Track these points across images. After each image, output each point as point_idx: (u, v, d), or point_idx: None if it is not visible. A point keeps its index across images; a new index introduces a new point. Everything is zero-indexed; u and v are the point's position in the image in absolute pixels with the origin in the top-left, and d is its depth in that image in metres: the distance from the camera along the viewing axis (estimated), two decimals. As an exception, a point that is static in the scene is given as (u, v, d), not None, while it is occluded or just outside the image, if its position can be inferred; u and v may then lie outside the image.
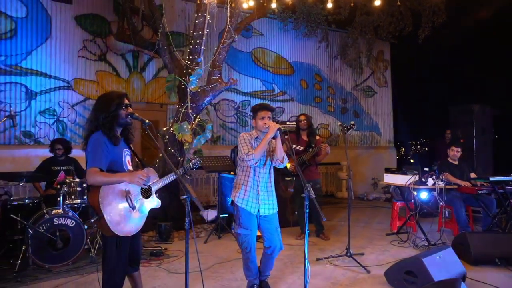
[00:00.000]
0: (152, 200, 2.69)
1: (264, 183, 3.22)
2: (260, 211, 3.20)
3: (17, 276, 3.68)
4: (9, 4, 6.22)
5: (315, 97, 9.80)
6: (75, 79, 6.73)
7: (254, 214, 3.18)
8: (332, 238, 5.34)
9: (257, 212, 3.19)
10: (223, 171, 5.74)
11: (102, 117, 2.46)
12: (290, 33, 9.20)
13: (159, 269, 4.03)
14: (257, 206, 3.18)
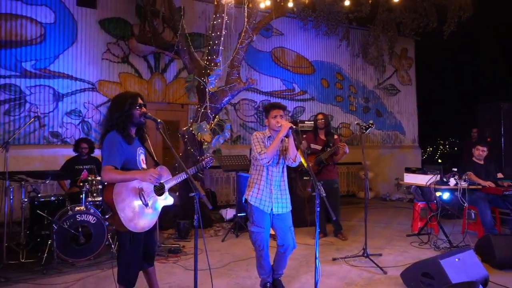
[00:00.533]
0: (165, 197, 2.76)
1: (277, 182, 3.23)
2: (274, 209, 3.21)
3: (43, 268, 3.86)
4: (39, 11, 6.51)
5: (336, 96, 9.69)
6: (99, 81, 6.96)
7: (267, 213, 3.19)
8: (350, 238, 5.28)
9: (271, 211, 3.20)
10: (241, 170, 5.78)
11: (116, 116, 2.55)
12: (310, 32, 9.14)
13: (176, 265, 4.11)
14: (270, 205, 3.19)
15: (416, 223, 5.59)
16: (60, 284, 3.53)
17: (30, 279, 3.68)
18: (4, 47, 6.22)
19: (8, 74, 6.24)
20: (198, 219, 2.43)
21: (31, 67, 6.41)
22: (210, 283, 3.56)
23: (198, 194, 2.41)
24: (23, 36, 6.36)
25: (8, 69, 6.24)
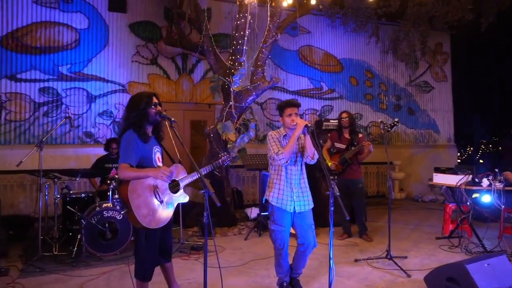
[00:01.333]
0: (180, 194, 2.81)
1: (297, 180, 3.21)
2: (296, 208, 3.18)
3: (73, 261, 4.07)
4: (74, 18, 6.84)
5: (365, 94, 9.46)
6: (129, 82, 7.21)
7: (289, 212, 3.17)
8: (376, 240, 5.13)
9: (293, 209, 3.18)
10: (264, 169, 5.78)
11: (133, 115, 2.63)
12: (338, 29, 8.98)
13: (197, 262, 4.18)
14: (292, 204, 3.17)
15: (447, 226, 5.35)
16: (87, 276, 3.69)
17: (61, 270, 3.88)
18: (43, 52, 6.59)
19: (47, 78, 6.61)
20: (208, 216, 2.45)
21: (67, 70, 6.74)
22: (228, 281, 3.61)
23: (208, 192, 2.43)
24: (60, 42, 6.70)
25: (47, 73, 6.60)
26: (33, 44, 6.52)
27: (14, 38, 6.42)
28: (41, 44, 6.57)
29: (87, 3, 6.93)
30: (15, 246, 4.67)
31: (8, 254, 4.42)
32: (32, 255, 4.25)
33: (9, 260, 4.22)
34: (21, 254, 4.41)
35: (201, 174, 2.48)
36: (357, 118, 9.28)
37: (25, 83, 6.45)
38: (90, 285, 3.48)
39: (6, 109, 6.33)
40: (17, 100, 6.40)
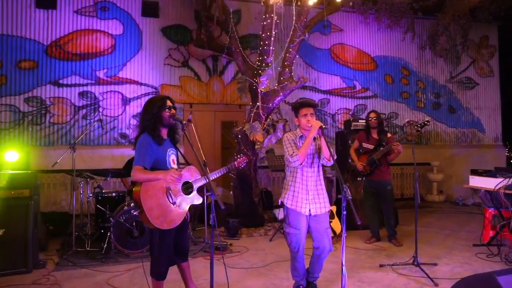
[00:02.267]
0: (193, 196, 2.85)
1: (313, 182, 3.15)
2: (312, 210, 3.13)
3: (102, 257, 4.28)
4: (110, 24, 7.18)
5: (401, 93, 9.09)
6: (161, 85, 7.45)
7: (304, 214, 3.13)
8: (407, 244, 4.92)
9: (308, 212, 3.13)
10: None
11: (147, 119, 2.72)
12: (371, 26, 8.70)
13: (219, 262, 4.20)
14: (307, 206, 3.13)
15: (487, 232, 5.01)
16: (113, 272, 3.86)
17: (91, 265, 4.10)
18: (82, 59, 6.98)
19: (85, 83, 6.99)
20: (214, 218, 2.47)
21: (103, 75, 7.09)
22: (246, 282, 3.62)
23: (213, 195, 2.45)
24: (97, 48, 7.06)
25: (85, 77, 6.98)
26: (73, 51, 6.92)
27: (57, 46, 6.85)
28: (81, 51, 6.96)
29: (122, 10, 7.24)
30: (54, 241, 4.99)
31: (47, 248, 4.73)
32: (67, 250, 4.52)
33: (47, 254, 4.53)
34: (58, 249, 4.70)
35: (209, 178, 2.50)
36: (392, 117, 8.96)
37: (66, 88, 6.86)
38: (115, 281, 3.63)
39: (50, 113, 6.77)
40: (60, 104, 6.82)
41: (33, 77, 6.69)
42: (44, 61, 6.75)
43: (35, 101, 6.68)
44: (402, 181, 8.79)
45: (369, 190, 5.01)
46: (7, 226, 3.85)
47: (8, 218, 3.87)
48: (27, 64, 6.68)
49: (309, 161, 3.13)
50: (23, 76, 6.65)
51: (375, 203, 4.99)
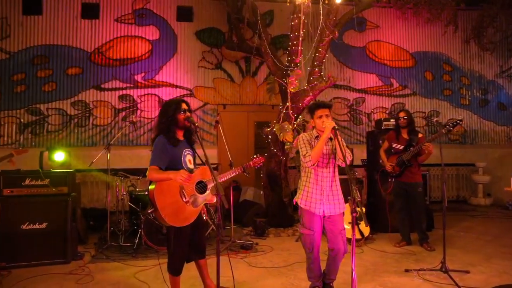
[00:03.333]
0: (206, 195, 2.95)
1: (328, 183, 3.12)
2: (326, 211, 3.12)
3: (133, 252, 4.53)
4: (147, 30, 7.53)
5: (443, 90, 8.64)
6: (195, 87, 7.68)
7: (318, 215, 3.12)
8: (440, 249, 4.66)
9: (323, 213, 3.11)
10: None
11: (163, 121, 2.86)
12: (409, 21, 8.36)
13: (242, 261, 4.31)
14: (321, 207, 3.11)
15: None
16: (141, 267, 4.07)
17: (122, 259, 4.35)
18: (121, 64, 7.39)
19: (125, 86, 7.39)
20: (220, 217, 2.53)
21: (141, 78, 7.46)
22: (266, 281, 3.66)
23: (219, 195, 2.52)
24: (135, 53, 7.44)
25: (125, 81, 7.39)
26: (113, 57, 7.34)
27: (99, 53, 7.31)
28: (120, 56, 7.37)
29: (158, 16, 7.57)
30: (93, 235, 5.35)
31: (87, 242, 5.08)
32: (103, 244, 4.84)
33: (86, 247, 4.86)
34: (96, 242, 5.03)
35: (215, 178, 2.57)
36: (433, 116, 8.54)
37: (107, 91, 7.30)
38: (141, 275, 3.84)
39: (93, 115, 7.24)
40: (102, 107, 7.28)
41: (78, 83, 7.20)
42: (88, 67, 7.23)
43: (80, 105, 7.18)
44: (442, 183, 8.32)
45: (398, 192, 4.83)
46: (48, 220, 4.21)
47: (50, 212, 4.22)
48: (74, 71, 7.20)
49: (324, 162, 3.11)
50: (70, 82, 7.18)
51: (405, 205, 4.81)
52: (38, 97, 7.04)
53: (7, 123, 6.99)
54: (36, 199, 4.20)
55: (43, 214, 4.19)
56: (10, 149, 6.38)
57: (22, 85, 7.03)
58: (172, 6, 7.66)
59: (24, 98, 7.01)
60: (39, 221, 4.17)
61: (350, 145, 7.78)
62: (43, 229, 4.18)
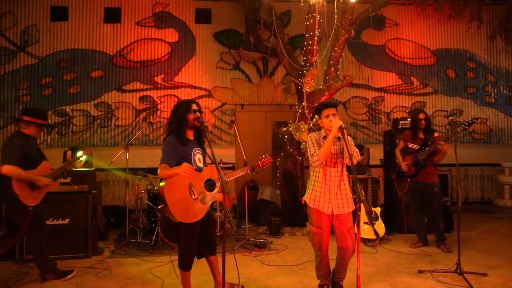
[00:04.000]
0: (215, 193, 3.02)
1: (336, 182, 3.13)
2: (334, 210, 3.13)
3: (150, 248, 4.69)
4: (167, 33, 7.72)
5: (467, 87, 8.39)
6: (214, 87, 7.81)
7: (327, 214, 3.13)
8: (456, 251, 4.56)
9: (331, 212, 3.13)
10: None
11: (173, 121, 2.96)
12: (430, 18, 8.18)
13: (255, 259, 4.36)
14: (330, 206, 3.13)
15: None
16: (157, 263, 4.20)
17: (139, 255, 4.50)
18: (142, 66, 7.61)
19: (145, 88, 7.61)
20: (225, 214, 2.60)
21: (161, 80, 7.65)
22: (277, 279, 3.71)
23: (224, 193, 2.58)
24: (155, 55, 7.65)
25: (145, 83, 7.61)
26: (134, 59, 7.58)
27: (121, 56, 7.57)
28: (141, 58, 7.60)
29: (178, 18, 7.74)
30: (114, 232, 5.55)
31: (107, 238, 5.29)
32: (122, 240, 5.02)
33: (106, 243, 5.06)
34: (116, 239, 5.23)
35: (221, 177, 2.64)
36: (456, 114, 8.31)
37: (128, 93, 7.54)
38: (156, 271, 3.96)
39: (115, 116, 7.50)
40: (123, 108, 7.52)
41: (101, 85, 7.47)
42: (110, 70, 7.50)
43: (103, 106, 7.45)
44: (466, 183, 8.13)
45: (414, 192, 4.76)
46: (71, 216, 4.42)
47: (72, 209, 4.43)
48: (97, 73, 7.48)
49: (332, 161, 3.12)
50: (93, 84, 7.46)
51: (421, 205, 4.74)
52: (64, 99, 7.36)
53: (35, 124, 7.34)
54: (59, 196, 4.41)
55: (66, 211, 4.41)
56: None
57: (50, 88, 7.37)
58: (191, 9, 7.82)
59: (51, 100, 7.34)
60: (62, 217, 4.39)
61: (368, 144, 7.70)
62: (66, 225, 4.39)
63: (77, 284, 3.63)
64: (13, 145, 3.50)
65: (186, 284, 3.06)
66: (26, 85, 7.32)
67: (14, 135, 3.69)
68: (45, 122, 3.75)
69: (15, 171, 3.33)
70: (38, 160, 3.61)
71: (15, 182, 3.36)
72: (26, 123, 3.58)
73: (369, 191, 5.17)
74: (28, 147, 3.54)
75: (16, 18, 7.36)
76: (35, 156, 3.59)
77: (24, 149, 3.47)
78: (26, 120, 3.58)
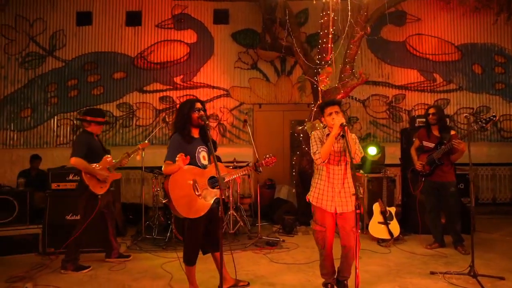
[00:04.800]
0: (217, 190, 3.08)
1: (340, 180, 3.11)
2: (338, 208, 3.12)
3: (164, 245, 4.82)
4: (186, 34, 7.89)
5: (495, 83, 8.04)
6: (232, 87, 7.89)
7: (330, 212, 3.12)
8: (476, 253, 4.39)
9: (334, 210, 3.12)
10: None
11: (178, 120, 3.05)
12: (454, 12, 7.89)
13: (264, 257, 4.39)
14: (333, 204, 3.12)
15: None
16: (169, 258, 4.31)
17: (153, 251, 4.65)
18: (162, 67, 7.81)
19: (165, 88, 7.81)
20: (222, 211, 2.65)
21: (180, 80, 7.82)
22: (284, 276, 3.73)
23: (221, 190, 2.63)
24: (174, 56, 7.83)
25: (165, 84, 7.80)
26: (154, 60, 7.79)
27: (142, 58, 7.80)
28: (161, 60, 7.80)
29: (196, 19, 7.89)
30: (132, 228, 5.75)
31: (125, 234, 5.48)
32: (139, 236, 5.18)
33: (124, 239, 5.24)
34: (133, 235, 5.41)
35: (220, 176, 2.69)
36: (483, 112, 7.99)
37: (149, 93, 7.76)
38: (168, 266, 4.07)
39: (136, 116, 7.74)
40: (144, 108, 7.75)
41: (123, 86, 7.73)
42: (131, 71, 7.74)
43: (125, 107, 7.71)
44: (494, 184, 7.79)
45: (429, 192, 4.63)
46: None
47: (90, 205, 4.61)
48: (119, 75, 7.75)
49: (336, 159, 3.10)
50: (115, 86, 7.74)
51: (436, 205, 4.60)
52: (88, 101, 7.67)
53: (62, 125, 7.71)
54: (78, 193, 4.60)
55: (84, 207, 4.59)
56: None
57: (75, 90, 7.71)
58: (209, 10, 7.94)
59: (76, 101, 7.68)
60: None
61: (388, 143, 7.56)
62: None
63: (92, 277, 3.79)
64: (79, 141, 4.07)
65: (191, 279, 3.13)
66: (54, 87, 7.69)
67: (80, 133, 4.23)
68: (103, 120, 4.20)
69: (80, 163, 3.83)
70: (101, 154, 4.09)
71: (84, 174, 3.89)
72: (87, 122, 4.08)
73: (384, 191, 5.08)
74: (92, 143, 4.03)
75: (45, 24, 7.75)
76: (99, 151, 4.08)
77: (89, 145, 3.96)
78: (88, 120, 4.08)
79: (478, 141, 7.96)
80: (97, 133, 4.17)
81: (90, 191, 3.89)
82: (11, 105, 7.62)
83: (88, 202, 3.93)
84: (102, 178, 3.95)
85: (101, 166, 4.02)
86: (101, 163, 4.04)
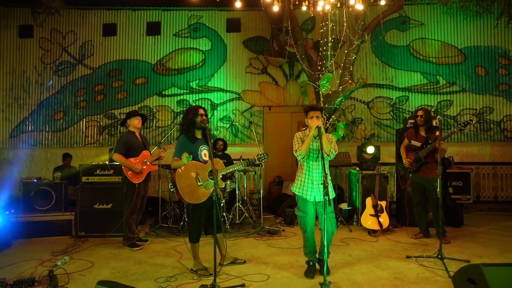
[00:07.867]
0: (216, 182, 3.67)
1: (318, 174, 3.64)
2: (316, 198, 3.65)
3: (177, 232, 5.48)
4: (201, 42, 8.57)
5: (498, 85, 8.28)
6: (243, 91, 8.50)
7: (310, 200, 3.66)
8: (456, 243, 4.82)
9: (314, 199, 3.65)
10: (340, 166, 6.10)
11: (184, 123, 3.67)
12: (457, 16, 8.20)
13: (263, 243, 4.96)
14: (312, 193, 3.65)
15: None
16: (180, 243, 4.93)
17: (167, 236, 5.31)
18: (179, 73, 8.52)
19: (182, 92, 8.50)
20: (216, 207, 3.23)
21: (195, 85, 8.50)
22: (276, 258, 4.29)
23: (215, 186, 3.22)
24: (190, 63, 8.52)
25: (181, 88, 8.50)
26: (172, 67, 8.50)
27: (161, 64, 8.53)
28: (178, 66, 8.50)
29: (210, 28, 8.54)
30: (151, 218, 6.46)
31: (144, 223, 6.18)
32: (156, 225, 5.88)
33: (143, 226, 5.95)
34: (151, 224, 6.10)
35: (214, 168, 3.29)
36: (486, 113, 8.25)
37: (167, 97, 8.48)
38: (179, 248, 4.71)
39: (156, 118, 8.47)
40: (163, 111, 8.48)
41: (144, 90, 8.49)
42: (151, 77, 8.49)
43: (146, 110, 8.46)
44: (495, 182, 8.05)
45: (415, 187, 5.07)
46: (113, 202, 5.34)
47: (113, 196, 5.34)
48: (140, 81, 8.51)
49: (314, 156, 3.64)
50: (137, 90, 8.50)
51: (422, 199, 5.03)
52: (113, 104, 8.47)
53: (90, 126, 8.54)
54: (104, 185, 5.35)
55: (109, 197, 5.34)
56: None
57: (101, 95, 8.52)
58: (222, 19, 8.59)
59: (102, 105, 8.49)
60: (106, 202, 5.33)
61: (391, 143, 7.93)
62: (109, 209, 5.32)
63: (115, 254, 4.49)
64: (119, 139, 4.90)
65: (194, 253, 3.77)
66: (83, 92, 8.54)
67: (123, 132, 5.24)
68: (137, 115, 4.96)
69: (119, 158, 4.69)
70: (140, 149, 4.86)
71: (124, 167, 4.72)
72: (127, 122, 4.96)
73: (376, 186, 5.54)
74: (131, 140, 4.81)
75: (76, 36, 8.61)
76: (138, 147, 4.85)
77: (128, 142, 4.76)
78: (125, 119, 5.00)
79: (482, 141, 8.23)
80: (138, 128, 4.95)
81: (129, 180, 4.70)
82: (46, 109, 8.52)
83: (128, 189, 4.74)
84: (136, 170, 4.69)
85: (138, 160, 4.79)
86: (139, 157, 4.81)
